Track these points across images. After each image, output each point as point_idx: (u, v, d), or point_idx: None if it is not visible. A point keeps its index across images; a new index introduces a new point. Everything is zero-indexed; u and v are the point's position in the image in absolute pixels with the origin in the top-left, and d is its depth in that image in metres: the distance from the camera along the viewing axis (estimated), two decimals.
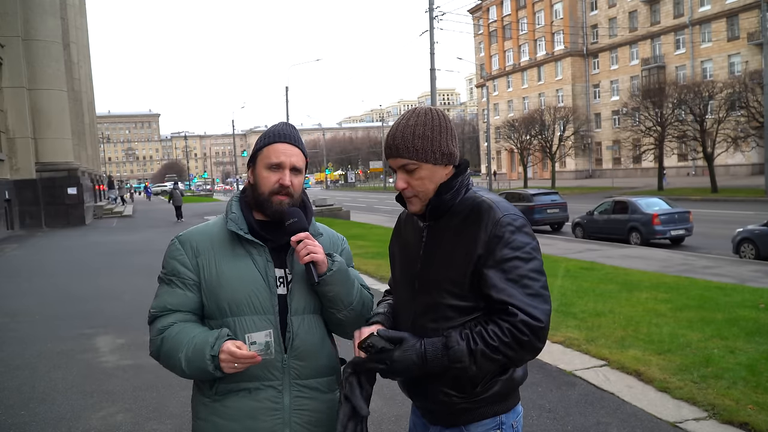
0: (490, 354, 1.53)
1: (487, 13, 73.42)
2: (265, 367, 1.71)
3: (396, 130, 1.68)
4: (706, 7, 47.82)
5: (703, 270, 10.51)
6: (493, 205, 1.62)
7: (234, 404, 1.72)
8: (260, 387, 1.73)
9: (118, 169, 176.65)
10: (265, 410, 1.72)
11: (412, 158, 1.65)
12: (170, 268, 1.79)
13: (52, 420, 4.27)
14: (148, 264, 11.96)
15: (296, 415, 1.75)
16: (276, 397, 1.73)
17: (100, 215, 28.42)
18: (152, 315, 1.78)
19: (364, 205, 38.82)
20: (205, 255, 1.76)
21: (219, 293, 1.73)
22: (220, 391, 1.74)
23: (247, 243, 1.77)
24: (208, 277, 1.75)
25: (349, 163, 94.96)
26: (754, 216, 17.98)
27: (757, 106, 29.82)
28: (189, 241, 1.80)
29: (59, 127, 23.30)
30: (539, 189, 23.59)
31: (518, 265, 1.56)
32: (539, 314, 1.53)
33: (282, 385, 1.74)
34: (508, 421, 1.71)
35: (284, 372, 1.75)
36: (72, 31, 30.98)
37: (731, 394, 4.17)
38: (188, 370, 1.69)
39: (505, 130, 50.09)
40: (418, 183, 1.67)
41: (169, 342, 1.72)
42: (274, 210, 1.77)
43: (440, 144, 1.66)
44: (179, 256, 1.78)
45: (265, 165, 1.77)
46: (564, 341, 5.65)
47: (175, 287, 1.77)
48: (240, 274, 1.74)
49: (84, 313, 7.69)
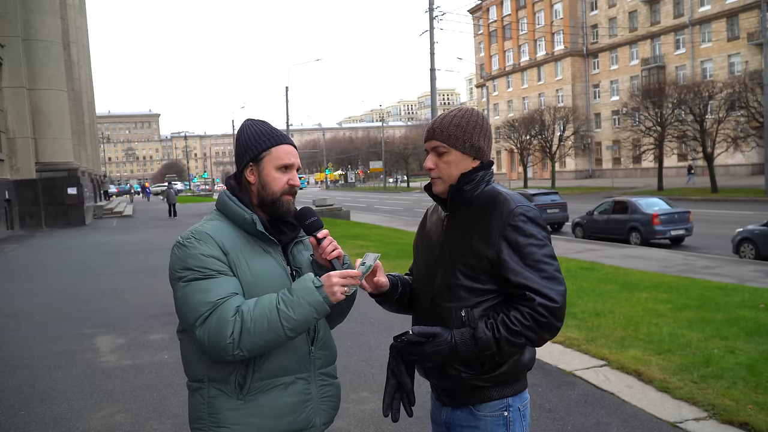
0: (513, 339, 1.68)
1: (487, 13, 73.40)
2: (300, 360, 1.77)
3: (438, 118, 1.89)
4: (706, 7, 47.80)
5: (703, 270, 10.51)
6: (508, 197, 1.78)
7: (270, 402, 1.72)
8: (295, 381, 1.76)
9: (118, 169, 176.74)
10: (300, 403, 1.77)
11: (443, 142, 1.83)
12: (203, 264, 1.66)
13: (52, 420, 4.26)
14: (149, 264, 11.97)
15: (322, 402, 1.84)
16: (307, 388, 1.79)
17: (100, 215, 28.42)
18: (206, 314, 1.62)
19: (364, 205, 38.80)
20: (233, 253, 1.72)
21: (257, 290, 1.71)
22: (252, 389, 1.70)
23: (263, 241, 1.79)
24: (244, 275, 1.71)
25: (349, 163, 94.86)
26: (754, 216, 17.99)
27: (756, 106, 29.82)
28: (213, 238, 1.71)
29: (59, 127, 23.30)
30: (539, 189, 23.61)
31: (533, 251, 1.71)
32: (555, 295, 1.69)
33: (310, 376, 1.81)
34: (515, 405, 1.83)
35: (311, 363, 1.81)
36: (72, 31, 30.98)
37: (731, 394, 4.17)
38: (296, 316, 1.60)
39: (505, 130, 50.10)
40: (445, 166, 1.84)
41: (251, 313, 1.61)
42: (285, 209, 1.81)
43: (471, 136, 1.84)
44: (210, 250, 1.68)
45: (275, 166, 1.80)
46: (564, 341, 5.65)
47: (219, 276, 1.66)
48: (269, 271, 1.76)
49: (84, 313, 7.69)
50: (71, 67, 29.39)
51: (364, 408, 4.26)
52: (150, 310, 7.66)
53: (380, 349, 5.50)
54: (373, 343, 5.84)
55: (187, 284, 1.66)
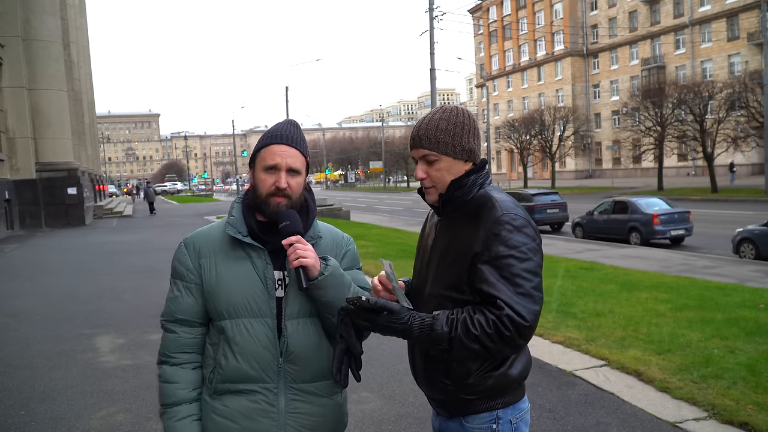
0: (467, 344, 1.57)
1: (487, 13, 73.40)
2: (262, 370, 1.73)
3: (422, 123, 1.78)
4: (706, 7, 47.81)
5: (703, 270, 10.51)
6: (496, 204, 1.68)
7: (232, 404, 1.75)
8: (256, 389, 1.74)
9: (118, 169, 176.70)
10: (261, 412, 1.74)
11: (432, 150, 1.74)
12: (176, 271, 1.84)
13: (52, 420, 4.26)
14: (149, 264, 11.97)
15: (291, 418, 1.76)
16: (271, 399, 1.75)
17: (100, 215, 28.41)
18: (162, 323, 1.85)
19: (364, 205, 38.80)
20: (206, 257, 1.79)
21: (217, 295, 1.75)
22: (218, 390, 1.76)
23: (247, 246, 1.78)
24: (208, 279, 1.77)
25: (349, 163, 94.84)
26: (754, 216, 17.99)
27: (757, 106, 29.81)
28: (192, 244, 1.83)
29: (59, 127, 23.28)
30: (539, 189, 23.59)
31: (512, 263, 1.60)
32: (526, 313, 1.56)
33: (277, 388, 1.75)
34: (506, 417, 1.74)
35: (279, 375, 1.75)
36: (72, 31, 30.95)
37: (731, 394, 4.16)
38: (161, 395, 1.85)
39: (505, 130, 50.10)
40: (437, 174, 1.75)
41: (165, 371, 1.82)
42: (271, 212, 1.77)
43: (461, 139, 1.74)
44: (183, 258, 1.82)
45: (262, 167, 1.78)
46: (564, 341, 5.65)
47: (180, 292, 1.82)
48: (238, 277, 1.75)
49: (84, 313, 7.69)
50: (71, 67, 29.37)
51: (364, 408, 4.26)
52: (150, 310, 7.65)
53: (381, 349, 5.50)
54: (374, 343, 5.83)
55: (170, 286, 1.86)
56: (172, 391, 1.77)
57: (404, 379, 4.62)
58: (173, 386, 1.78)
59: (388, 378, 4.77)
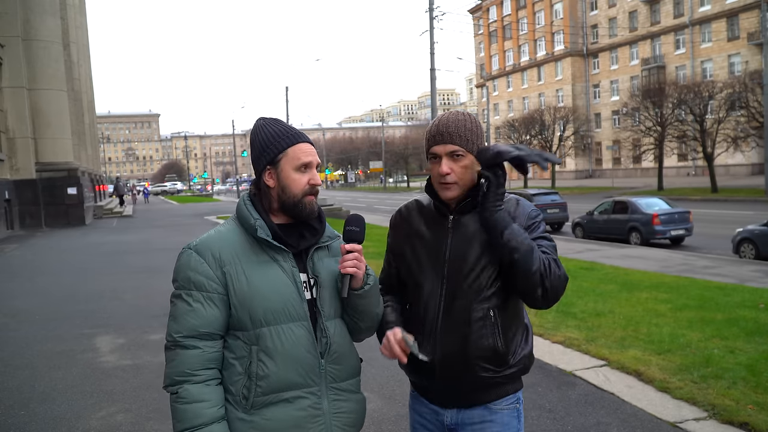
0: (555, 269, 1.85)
1: (487, 13, 73.39)
2: (306, 374, 1.71)
3: (448, 120, 1.86)
4: (706, 7, 47.80)
5: (703, 270, 10.50)
6: (521, 201, 1.92)
7: (276, 415, 1.68)
8: (301, 395, 1.70)
9: (118, 169, 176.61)
10: (308, 418, 1.71)
11: (462, 146, 1.83)
12: (190, 282, 1.68)
13: (52, 420, 4.26)
14: (148, 264, 11.97)
15: (335, 418, 1.76)
16: (316, 403, 1.73)
17: (100, 215, 28.40)
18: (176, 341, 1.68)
19: (364, 205, 38.79)
20: (230, 264, 1.69)
21: (253, 304, 1.67)
22: (256, 404, 1.67)
23: (271, 249, 1.72)
24: (239, 288, 1.67)
25: (349, 163, 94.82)
26: (754, 216, 17.99)
27: (757, 106, 29.82)
28: (210, 250, 1.69)
29: (59, 127, 23.26)
30: (539, 189, 23.61)
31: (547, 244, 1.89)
32: (564, 271, 1.87)
33: (320, 391, 1.74)
34: (521, 397, 1.99)
35: (321, 377, 1.74)
36: (72, 31, 30.94)
37: (731, 394, 4.17)
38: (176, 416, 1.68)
39: (505, 130, 50.12)
40: (462, 171, 1.84)
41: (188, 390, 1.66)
42: (308, 211, 1.75)
43: (481, 140, 1.88)
44: (199, 267, 1.68)
45: (293, 166, 1.73)
46: (564, 341, 5.65)
47: (200, 304, 1.67)
48: (270, 282, 1.69)
49: (84, 313, 7.68)
50: (71, 67, 29.35)
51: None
52: (150, 310, 7.65)
53: None
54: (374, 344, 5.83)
55: (175, 300, 1.72)
56: (200, 411, 1.62)
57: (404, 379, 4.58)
58: (202, 405, 1.63)
59: (388, 378, 4.76)
